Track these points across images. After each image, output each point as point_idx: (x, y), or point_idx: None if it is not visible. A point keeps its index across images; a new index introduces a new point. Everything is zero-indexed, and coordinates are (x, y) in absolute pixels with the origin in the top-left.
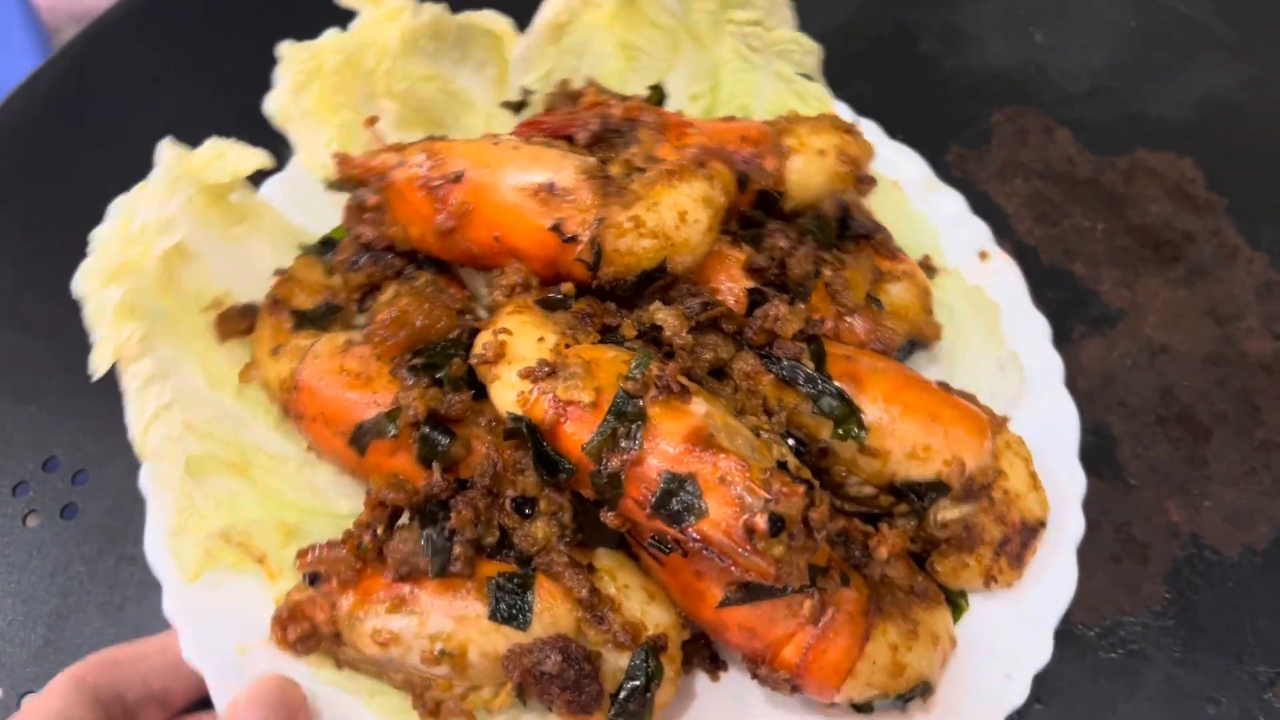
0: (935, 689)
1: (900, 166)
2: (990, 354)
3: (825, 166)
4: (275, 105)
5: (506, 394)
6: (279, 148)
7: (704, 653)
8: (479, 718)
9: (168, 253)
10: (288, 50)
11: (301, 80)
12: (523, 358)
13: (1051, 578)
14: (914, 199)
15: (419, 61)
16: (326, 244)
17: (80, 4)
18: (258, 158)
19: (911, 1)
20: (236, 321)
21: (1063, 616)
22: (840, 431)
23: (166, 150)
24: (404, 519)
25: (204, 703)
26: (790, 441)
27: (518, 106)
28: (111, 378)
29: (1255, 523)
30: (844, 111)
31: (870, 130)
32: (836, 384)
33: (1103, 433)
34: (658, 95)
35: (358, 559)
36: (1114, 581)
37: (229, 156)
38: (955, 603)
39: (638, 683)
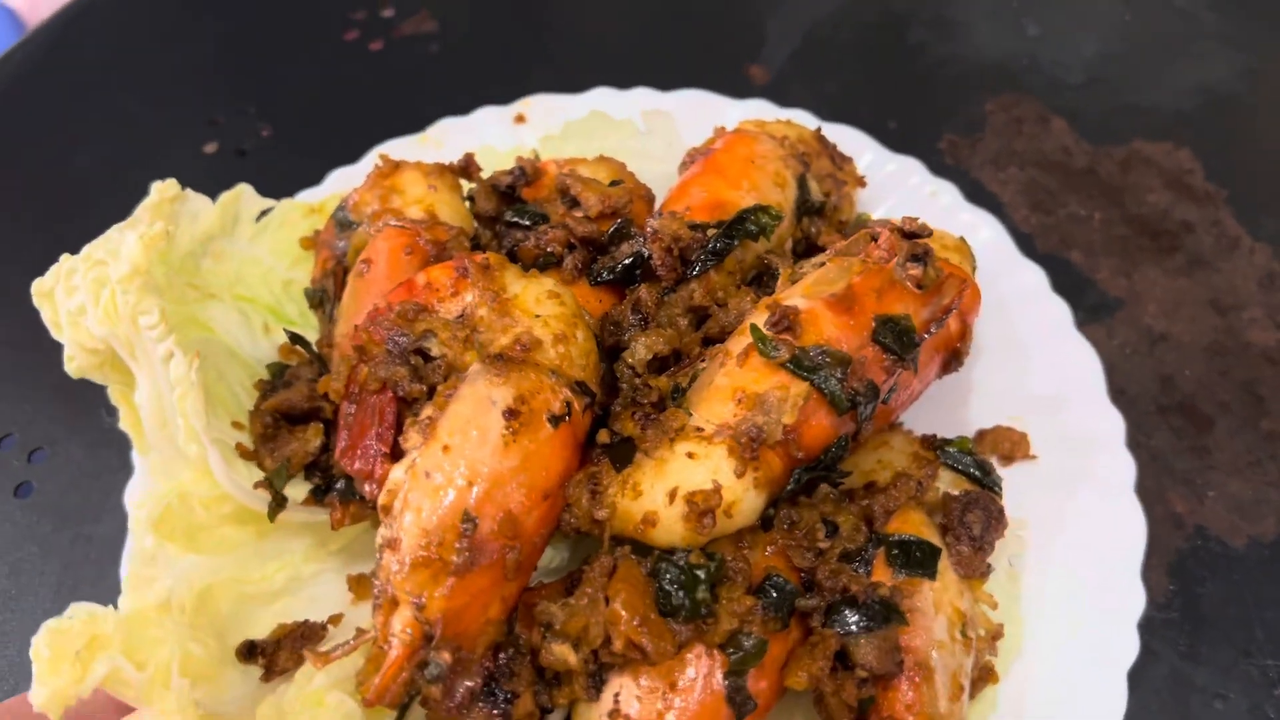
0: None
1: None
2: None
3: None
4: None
5: (753, 502)
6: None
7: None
8: None
9: None
10: (42, 642)
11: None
12: (713, 468)
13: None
14: None
15: None
16: None
17: (59, 5)
18: None
19: None
20: None
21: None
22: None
23: None
24: None
25: None
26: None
27: (280, 501)
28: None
29: (1262, 514)
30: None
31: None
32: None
33: None
34: (304, 347)
35: None
36: None
37: None
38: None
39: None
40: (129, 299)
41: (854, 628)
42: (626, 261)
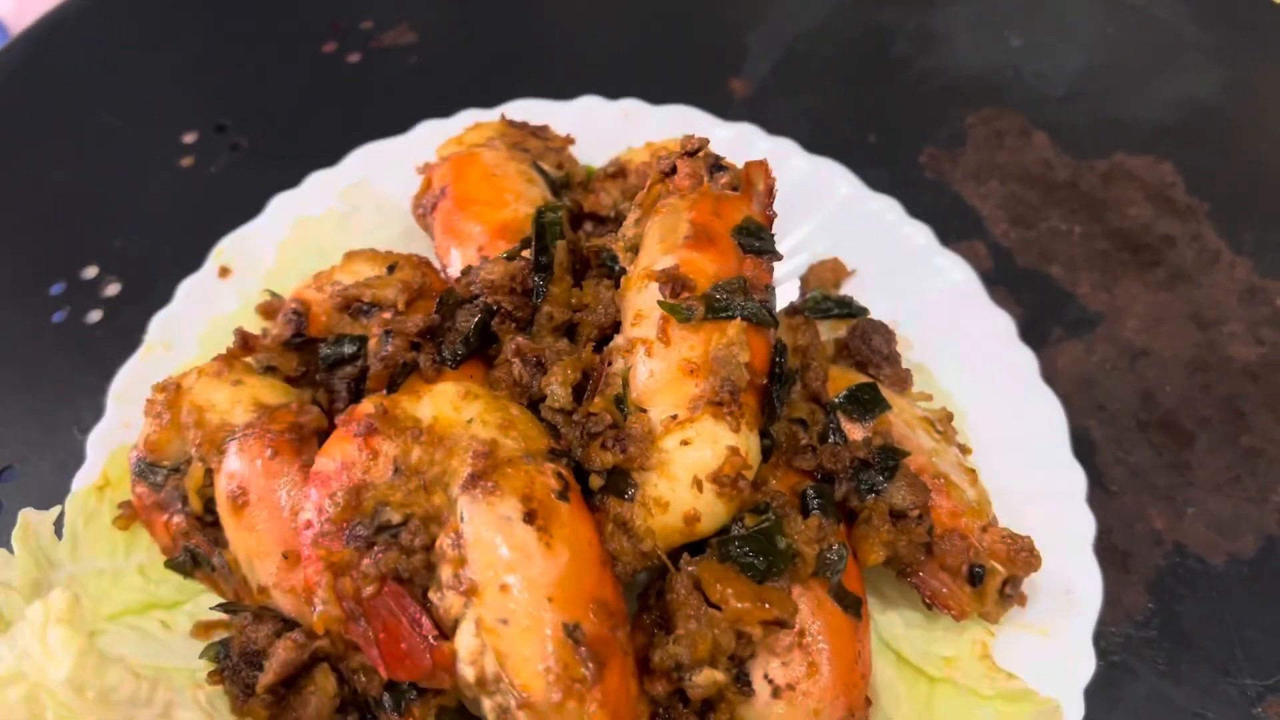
0: None
1: None
2: None
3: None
4: None
5: (756, 444)
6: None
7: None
8: None
9: None
10: None
11: None
12: (712, 438)
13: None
14: None
15: None
16: None
17: (45, 6)
18: None
19: (884, 5)
20: None
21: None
22: None
23: None
24: None
25: None
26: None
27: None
28: (41, 372)
29: (1241, 531)
30: None
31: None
32: None
33: (1081, 437)
34: (236, 611)
35: None
36: None
37: None
38: None
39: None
40: (92, 688)
41: (883, 484)
42: (475, 327)
